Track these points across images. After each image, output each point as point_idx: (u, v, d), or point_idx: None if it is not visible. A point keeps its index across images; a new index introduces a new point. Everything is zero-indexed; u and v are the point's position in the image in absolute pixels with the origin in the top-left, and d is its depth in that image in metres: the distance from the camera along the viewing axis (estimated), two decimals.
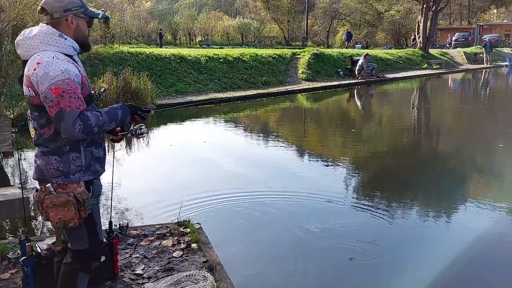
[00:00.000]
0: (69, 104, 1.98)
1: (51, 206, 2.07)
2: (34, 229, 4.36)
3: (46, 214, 2.09)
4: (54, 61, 2.01)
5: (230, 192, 5.33)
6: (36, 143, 2.16)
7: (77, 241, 2.25)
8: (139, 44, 30.70)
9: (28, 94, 2.08)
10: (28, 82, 2.05)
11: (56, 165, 2.10)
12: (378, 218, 4.62)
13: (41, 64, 2.00)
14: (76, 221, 2.11)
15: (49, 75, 1.98)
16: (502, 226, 4.47)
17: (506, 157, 7.34)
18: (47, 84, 1.97)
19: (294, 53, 19.54)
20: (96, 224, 2.28)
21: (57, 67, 2.00)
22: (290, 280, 3.46)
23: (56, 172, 2.11)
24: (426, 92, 18.50)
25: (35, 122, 2.13)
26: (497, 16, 51.26)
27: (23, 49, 2.09)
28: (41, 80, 1.99)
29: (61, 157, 2.10)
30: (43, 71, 1.98)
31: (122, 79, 10.62)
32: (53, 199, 2.07)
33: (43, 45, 2.06)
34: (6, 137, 4.79)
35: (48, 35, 2.07)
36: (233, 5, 57.07)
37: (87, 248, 2.25)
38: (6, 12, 10.16)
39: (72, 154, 2.12)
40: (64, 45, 2.10)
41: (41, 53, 2.04)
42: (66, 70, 2.01)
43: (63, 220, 2.08)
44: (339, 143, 8.68)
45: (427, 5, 25.97)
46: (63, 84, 1.98)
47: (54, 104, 1.97)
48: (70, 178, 2.12)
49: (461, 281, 3.55)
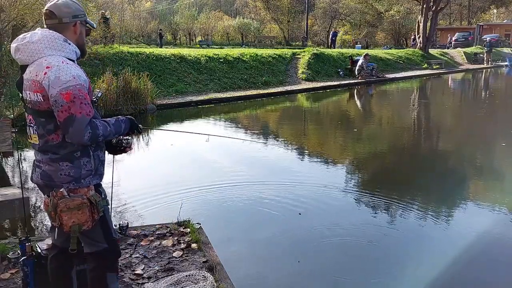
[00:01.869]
0: (80, 110, 1.99)
1: (66, 210, 2.05)
2: (34, 229, 4.36)
3: (59, 218, 2.07)
4: (65, 65, 2.01)
5: (230, 192, 5.34)
6: (41, 149, 2.12)
7: (94, 244, 2.26)
8: (139, 44, 30.71)
9: (35, 100, 2.04)
10: (35, 87, 2.02)
11: (67, 171, 2.10)
12: (378, 218, 4.62)
13: (52, 68, 1.98)
14: (90, 223, 2.11)
15: (61, 80, 1.97)
16: (502, 226, 4.47)
17: (506, 157, 7.34)
18: (58, 89, 1.97)
19: (294, 53, 19.55)
20: (109, 222, 2.31)
21: (68, 72, 2.00)
22: (290, 280, 3.46)
23: (67, 177, 2.10)
24: (426, 92, 18.49)
25: (41, 128, 2.09)
26: (497, 16, 51.26)
27: (25, 54, 2.06)
28: (52, 84, 1.97)
29: (73, 163, 2.10)
30: (55, 75, 1.97)
31: (122, 79, 10.62)
32: (67, 203, 2.05)
33: (49, 50, 2.04)
34: (6, 137, 4.79)
35: (53, 40, 2.06)
36: (233, 5, 57.07)
37: (106, 248, 2.27)
38: (6, 12, 10.15)
39: (83, 159, 2.13)
40: (69, 50, 2.10)
41: (48, 58, 2.02)
42: (78, 75, 2.02)
43: (77, 223, 2.07)
44: (339, 143, 8.68)
45: (427, 5, 25.97)
46: (75, 89, 1.98)
47: (64, 109, 1.97)
48: (81, 183, 2.13)
49: (461, 281, 3.55)
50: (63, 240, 2.27)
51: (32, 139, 2.16)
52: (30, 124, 2.15)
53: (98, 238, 2.26)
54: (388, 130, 10.17)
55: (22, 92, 2.12)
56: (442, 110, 13.23)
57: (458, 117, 12.20)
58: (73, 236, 2.11)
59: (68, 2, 2.13)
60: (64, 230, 2.10)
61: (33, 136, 2.14)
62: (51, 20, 2.11)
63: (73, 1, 2.16)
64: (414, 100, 15.31)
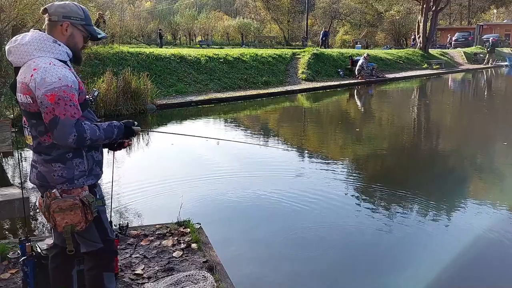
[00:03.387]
0: (64, 112, 1.98)
1: (58, 210, 2.06)
2: (34, 229, 4.36)
3: (53, 219, 2.09)
4: (51, 67, 2.00)
5: (231, 192, 5.34)
6: (35, 150, 2.14)
7: (90, 243, 2.26)
8: (139, 44, 30.68)
9: (25, 102, 2.05)
10: (24, 89, 2.02)
11: (60, 172, 2.10)
12: (379, 218, 4.62)
13: (38, 70, 1.98)
14: (83, 224, 2.12)
15: (46, 81, 1.97)
16: (503, 226, 4.46)
17: (508, 156, 7.33)
18: (43, 90, 1.96)
19: (294, 53, 19.55)
20: (104, 222, 2.30)
21: (54, 73, 1.99)
22: (290, 280, 3.46)
23: (60, 178, 2.11)
24: (426, 92, 18.49)
25: (33, 130, 2.10)
26: (497, 16, 51.24)
27: (16, 56, 2.06)
28: (38, 85, 1.97)
29: (65, 164, 2.10)
30: (40, 77, 1.97)
31: (122, 79, 10.61)
32: (59, 203, 2.06)
33: (38, 52, 2.04)
34: (6, 137, 4.79)
35: (42, 41, 2.05)
36: (233, 5, 57.02)
37: (101, 247, 2.27)
38: (6, 12, 10.16)
39: (76, 160, 2.12)
40: (58, 51, 2.09)
41: (36, 60, 2.02)
42: (64, 77, 2.00)
43: (70, 224, 2.08)
44: (339, 143, 8.68)
45: (427, 5, 25.97)
46: (60, 91, 1.97)
47: (49, 111, 1.97)
48: (74, 183, 2.13)
49: (461, 281, 3.54)
50: (63, 239, 2.27)
51: (27, 140, 2.17)
52: (25, 125, 2.17)
53: (94, 238, 2.25)
54: (388, 130, 10.17)
55: (16, 95, 2.12)
56: (443, 110, 13.23)
57: (459, 116, 12.20)
58: (67, 237, 2.11)
59: (69, 5, 2.13)
60: (58, 230, 2.12)
61: (28, 138, 2.16)
62: (46, 16, 2.13)
63: (76, 6, 2.15)
64: (414, 100, 15.31)
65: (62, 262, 2.38)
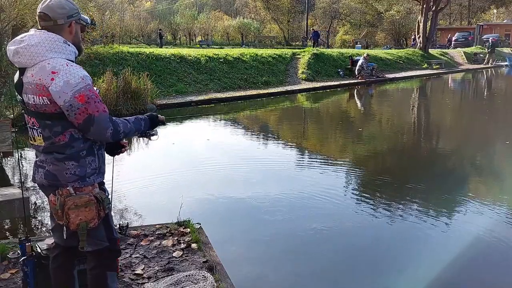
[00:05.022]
0: (97, 109, 2.03)
1: (73, 207, 2.05)
2: (34, 229, 4.36)
3: (66, 216, 2.07)
4: (70, 68, 2.00)
5: (231, 192, 5.34)
6: (46, 150, 2.12)
7: (96, 242, 2.26)
8: (139, 44, 30.69)
9: (40, 103, 2.02)
10: (40, 91, 2.00)
11: (73, 170, 2.11)
12: (379, 218, 4.62)
13: (59, 73, 1.97)
14: (96, 221, 2.13)
15: (71, 83, 1.97)
16: (504, 226, 4.46)
17: (507, 157, 7.33)
18: (70, 93, 1.97)
19: (294, 53, 19.55)
20: (110, 221, 2.32)
21: (75, 74, 2.00)
22: (290, 280, 3.46)
23: (72, 176, 2.11)
24: (426, 92, 18.49)
25: (47, 130, 2.08)
26: (497, 16, 51.24)
27: (25, 57, 2.03)
28: (63, 89, 1.96)
29: (78, 162, 2.11)
30: (63, 80, 1.97)
31: (122, 79, 10.60)
32: (75, 200, 2.06)
33: (50, 52, 2.02)
34: (6, 137, 4.79)
35: (53, 42, 2.04)
36: (233, 5, 57.02)
37: (107, 246, 2.28)
38: (6, 12, 10.16)
39: (89, 158, 2.14)
40: (69, 51, 2.09)
41: (50, 61, 2.01)
42: (85, 76, 2.04)
43: (84, 221, 2.08)
44: (339, 143, 8.68)
45: (427, 5, 25.96)
46: (86, 90, 2.01)
47: (81, 111, 2.00)
48: (86, 181, 2.14)
49: (461, 281, 3.54)
50: (66, 239, 2.26)
51: (36, 141, 2.14)
52: (33, 126, 2.13)
53: (101, 236, 2.26)
54: (388, 130, 10.16)
55: (22, 95, 2.10)
56: (443, 110, 13.23)
57: (460, 116, 12.20)
58: (82, 234, 2.11)
59: (62, 2, 2.10)
60: (71, 228, 2.10)
61: (38, 139, 2.13)
62: (45, 22, 2.09)
63: (68, 1, 2.13)
64: (414, 100, 15.31)
65: (63, 262, 2.38)
